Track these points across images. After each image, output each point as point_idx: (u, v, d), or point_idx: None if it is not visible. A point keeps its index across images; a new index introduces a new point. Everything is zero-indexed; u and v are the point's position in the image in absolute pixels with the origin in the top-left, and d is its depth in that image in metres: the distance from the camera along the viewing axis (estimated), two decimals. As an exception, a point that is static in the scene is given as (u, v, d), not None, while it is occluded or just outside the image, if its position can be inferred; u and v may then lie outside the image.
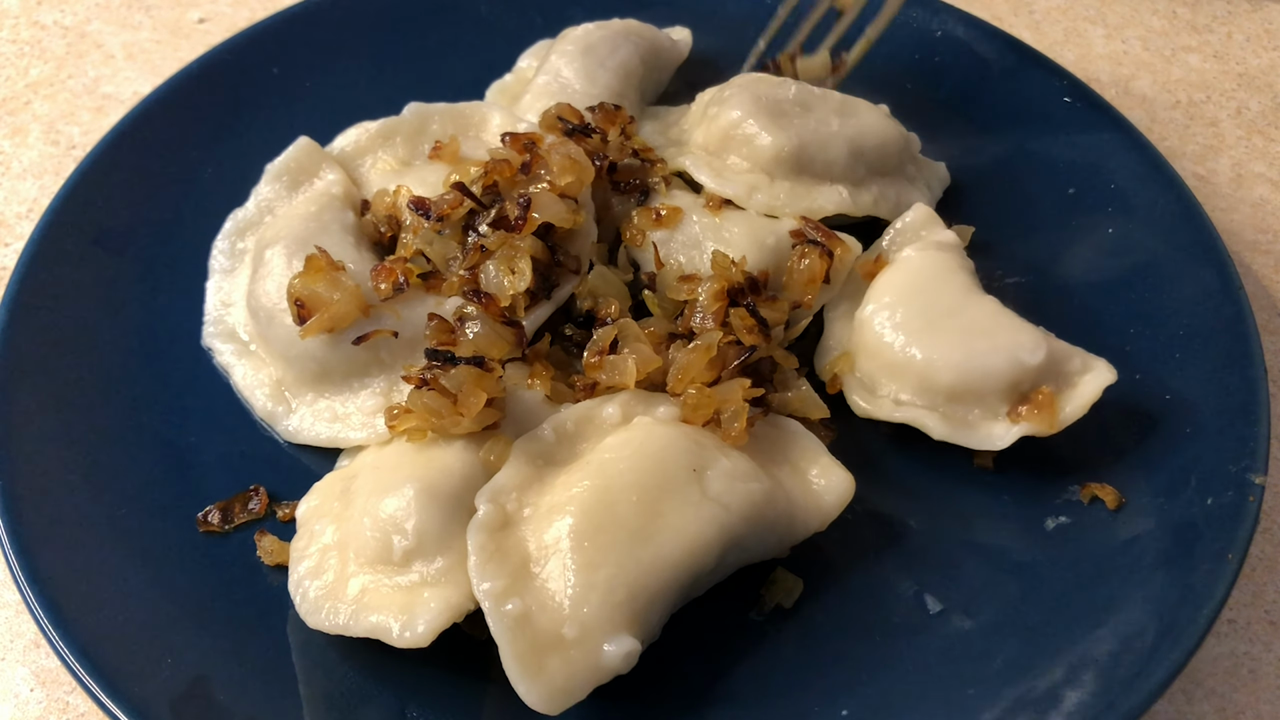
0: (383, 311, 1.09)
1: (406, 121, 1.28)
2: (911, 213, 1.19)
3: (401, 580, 0.95)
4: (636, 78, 1.32)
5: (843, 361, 1.13)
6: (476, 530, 0.94)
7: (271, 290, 1.12)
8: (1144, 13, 1.64)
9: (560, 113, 1.20)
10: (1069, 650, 0.99)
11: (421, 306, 1.09)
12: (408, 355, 1.10)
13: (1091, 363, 1.09)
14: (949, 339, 1.08)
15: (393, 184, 1.20)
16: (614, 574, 0.91)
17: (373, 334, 1.07)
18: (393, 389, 1.09)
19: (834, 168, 1.21)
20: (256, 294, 1.13)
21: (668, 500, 0.96)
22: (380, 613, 0.93)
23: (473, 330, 1.05)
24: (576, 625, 0.90)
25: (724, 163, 1.22)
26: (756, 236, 1.16)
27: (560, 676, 0.89)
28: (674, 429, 1.01)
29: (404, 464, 0.99)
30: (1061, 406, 1.06)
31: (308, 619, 0.96)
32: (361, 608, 0.94)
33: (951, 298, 1.11)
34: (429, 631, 0.91)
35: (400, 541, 0.95)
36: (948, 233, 1.18)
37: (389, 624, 0.92)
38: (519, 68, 1.40)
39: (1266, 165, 1.47)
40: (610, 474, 0.97)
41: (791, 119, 1.22)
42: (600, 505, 0.94)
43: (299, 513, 1.05)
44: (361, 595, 0.95)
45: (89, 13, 1.59)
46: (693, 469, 0.98)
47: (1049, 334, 1.10)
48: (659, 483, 0.96)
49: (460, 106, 1.30)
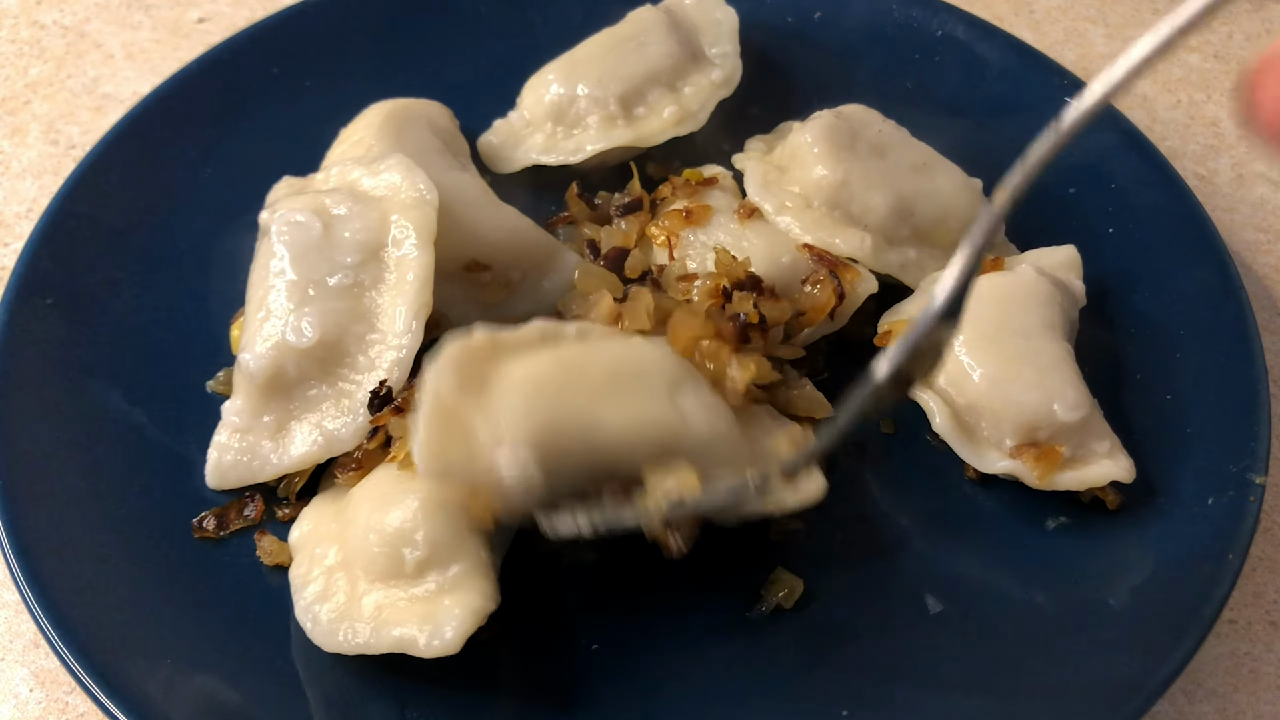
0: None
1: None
2: (1062, 250, 1.20)
3: (418, 591, 0.94)
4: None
5: (904, 326, 1.12)
6: (448, 353, 0.95)
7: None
8: (1144, 13, 1.64)
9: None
10: (1069, 650, 0.99)
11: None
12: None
13: (1117, 454, 1.07)
14: (1003, 354, 1.08)
15: None
16: (550, 415, 0.92)
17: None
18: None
19: (870, 215, 1.18)
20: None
21: (633, 390, 0.96)
22: (402, 626, 0.92)
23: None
24: (489, 427, 0.92)
25: (781, 179, 1.22)
26: (773, 252, 1.15)
27: (452, 456, 0.91)
28: (667, 348, 1.03)
29: (402, 478, 0.99)
30: (1062, 471, 1.05)
31: (324, 644, 0.95)
32: (381, 624, 0.93)
33: (1032, 325, 1.10)
34: (457, 637, 0.91)
35: (412, 553, 0.94)
36: (1077, 281, 1.17)
37: (414, 635, 0.92)
38: (522, 104, 1.35)
39: (1267, 165, 1.47)
40: (592, 351, 0.98)
41: (855, 157, 1.20)
42: (571, 365, 0.96)
43: (292, 539, 1.03)
44: (379, 612, 0.94)
45: (89, 12, 1.59)
46: (672, 383, 0.98)
47: (1098, 408, 1.09)
48: (633, 376, 0.97)
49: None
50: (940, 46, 1.41)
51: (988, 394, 1.07)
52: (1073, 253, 1.20)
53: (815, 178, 1.19)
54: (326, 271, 1.07)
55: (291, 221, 1.09)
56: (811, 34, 1.43)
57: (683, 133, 1.29)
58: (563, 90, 1.31)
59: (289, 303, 1.06)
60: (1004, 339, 1.09)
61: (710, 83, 1.33)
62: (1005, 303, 1.11)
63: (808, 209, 1.19)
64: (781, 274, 1.14)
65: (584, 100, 1.30)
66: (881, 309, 1.18)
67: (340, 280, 1.07)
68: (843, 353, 1.19)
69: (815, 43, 1.43)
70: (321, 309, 1.06)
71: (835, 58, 1.41)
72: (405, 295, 1.05)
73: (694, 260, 1.17)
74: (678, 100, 1.31)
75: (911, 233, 1.20)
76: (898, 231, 1.19)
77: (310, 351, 1.05)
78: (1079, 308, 1.17)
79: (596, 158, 1.30)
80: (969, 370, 1.08)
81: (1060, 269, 1.19)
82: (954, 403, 1.09)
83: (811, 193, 1.19)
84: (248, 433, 1.07)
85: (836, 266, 1.14)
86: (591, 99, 1.30)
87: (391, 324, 1.06)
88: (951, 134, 1.31)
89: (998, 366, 1.07)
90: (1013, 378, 1.07)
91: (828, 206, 1.19)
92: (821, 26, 1.43)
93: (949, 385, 1.09)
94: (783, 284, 1.14)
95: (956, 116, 1.37)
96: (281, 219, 1.10)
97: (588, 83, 1.30)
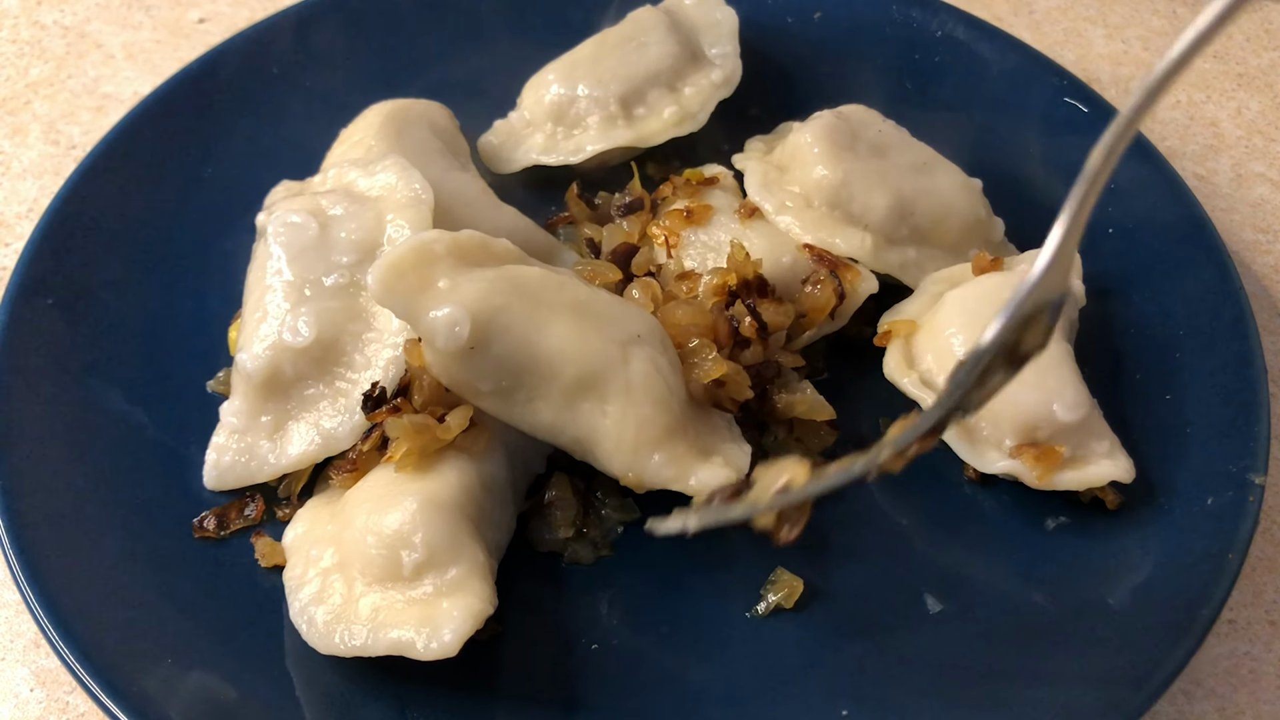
0: None
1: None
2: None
3: (415, 594, 0.94)
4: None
5: (905, 326, 1.13)
6: (468, 232, 1.01)
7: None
8: (1144, 13, 1.64)
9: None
10: (1069, 650, 0.99)
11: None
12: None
13: (1117, 454, 1.07)
14: None
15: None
16: (506, 303, 0.96)
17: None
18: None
19: (870, 214, 1.18)
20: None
21: (591, 324, 0.99)
22: (400, 628, 0.92)
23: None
24: (450, 284, 0.96)
25: (782, 178, 1.22)
26: (774, 252, 1.15)
27: (404, 285, 0.96)
28: (647, 314, 1.06)
29: (399, 480, 0.99)
30: (1062, 470, 1.05)
31: (319, 646, 0.95)
32: (378, 626, 0.93)
33: None
34: (455, 640, 0.91)
35: (410, 555, 0.94)
36: (1077, 282, 1.18)
37: (412, 638, 0.92)
38: (522, 104, 1.36)
39: (1266, 165, 1.47)
40: (575, 284, 1.02)
41: (855, 157, 1.20)
42: (549, 283, 1.00)
43: (286, 541, 1.03)
44: (376, 614, 0.94)
45: (89, 13, 1.59)
46: (630, 336, 1.00)
47: (1098, 408, 1.09)
48: (598, 314, 1.00)
49: None
50: (940, 46, 1.41)
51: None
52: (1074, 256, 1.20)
53: (815, 177, 1.19)
54: (323, 271, 1.08)
55: (288, 223, 1.09)
56: (811, 34, 1.43)
57: (683, 133, 1.30)
58: (563, 90, 1.31)
59: (285, 303, 1.06)
60: None
61: (710, 83, 1.33)
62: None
63: (808, 208, 1.19)
64: (782, 274, 1.14)
65: (584, 100, 1.30)
66: (881, 309, 1.18)
67: (336, 280, 1.07)
68: (843, 353, 1.19)
69: (815, 43, 1.43)
70: (318, 309, 1.06)
71: (835, 58, 1.42)
72: None
73: (694, 260, 1.17)
74: (678, 100, 1.31)
75: (911, 232, 1.20)
76: (898, 231, 1.19)
77: (307, 351, 1.05)
78: (1079, 308, 1.17)
79: (597, 158, 1.30)
80: None
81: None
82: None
83: (812, 192, 1.19)
84: (245, 433, 1.07)
85: (837, 266, 1.14)
86: (592, 99, 1.30)
87: (388, 322, 1.06)
88: (951, 134, 1.31)
89: None
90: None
91: (828, 206, 1.19)
92: (821, 26, 1.43)
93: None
94: (783, 284, 1.14)
95: (956, 116, 1.37)
96: (278, 220, 1.10)
97: (588, 83, 1.30)
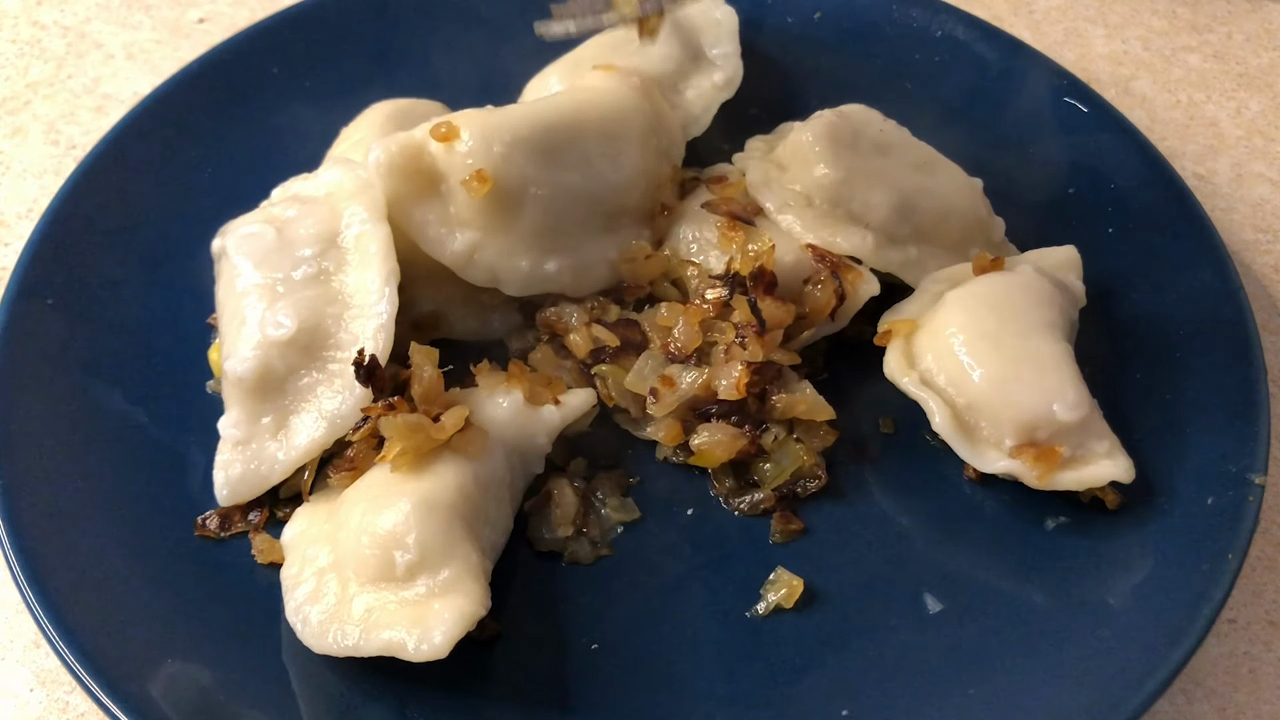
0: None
1: None
2: (1062, 250, 1.20)
3: (408, 595, 0.94)
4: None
5: (905, 326, 1.13)
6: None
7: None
8: (1144, 13, 1.64)
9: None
10: (1069, 650, 0.99)
11: None
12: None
13: (1117, 454, 1.07)
14: (1002, 355, 1.08)
15: None
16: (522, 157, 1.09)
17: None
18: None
19: (872, 213, 1.18)
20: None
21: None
22: (391, 629, 0.92)
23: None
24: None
25: (782, 177, 1.22)
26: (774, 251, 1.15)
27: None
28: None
29: (394, 480, 0.99)
30: (1062, 470, 1.05)
31: (313, 645, 0.95)
32: (371, 626, 0.93)
33: (1032, 325, 1.10)
34: (446, 642, 0.91)
35: (403, 556, 0.94)
36: (1077, 282, 1.18)
37: (403, 639, 0.92)
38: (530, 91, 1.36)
39: (1266, 165, 1.47)
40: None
41: (857, 155, 1.20)
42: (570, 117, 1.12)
43: (284, 539, 1.03)
44: (368, 614, 0.94)
45: (89, 12, 1.59)
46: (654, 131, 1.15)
47: (1098, 408, 1.09)
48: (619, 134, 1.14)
49: None
50: (940, 46, 1.41)
51: (987, 394, 1.07)
52: (1073, 253, 1.21)
53: (817, 176, 1.19)
54: (290, 268, 1.09)
55: (244, 235, 1.12)
56: (811, 34, 1.43)
57: (686, 138, 1.29)
58: None
59: (261, 304, 1.08)
60: (1004, 339, 1.09)
61: (712, 85, 1.33)
62: (1005, 303, 1.11)
63: (809, 207, 1.19)
64: (784, 273, 1.14)
65: None
66: (881, 309, 1.18)
67: (306, 271, 1.09)
68: (843, 353, 1.19)
69: (815, 43, 1.43)
70: (294, 299, 1.07)
71: (835, 58, 1.42)
72: (372, 266, 1.08)
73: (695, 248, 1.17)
74: (681, 103, 1.30)
75: (913, 231, 1.20)
76: (899, 230, 1.19)
77: (293, 341, 1.06)
78: (1079, 308, 1.17)
79: (598, 160, 1.30)
80: (969, 370, 1.08)
81: (1060, 269, 1.19)
82: (954, 402, 1.09)
83: (813, 191, 1.19)
84: (249, 441, 1.07)
85: (839, 267, 1.14)
86: None
87: (365, 296, 1.08)
88: (951, 134, 1.31)
89: (997, 366, 1.07)
90: (1012, 377, 1.07)
91: (829, 204, 1.19)
92: (821, 26, 1.43)
93: (949, 385, 1.09)
94: (784, 282, 1.14)
95: (956, 116, 1.37)
96: (234, 235, 1.13)
97: None
